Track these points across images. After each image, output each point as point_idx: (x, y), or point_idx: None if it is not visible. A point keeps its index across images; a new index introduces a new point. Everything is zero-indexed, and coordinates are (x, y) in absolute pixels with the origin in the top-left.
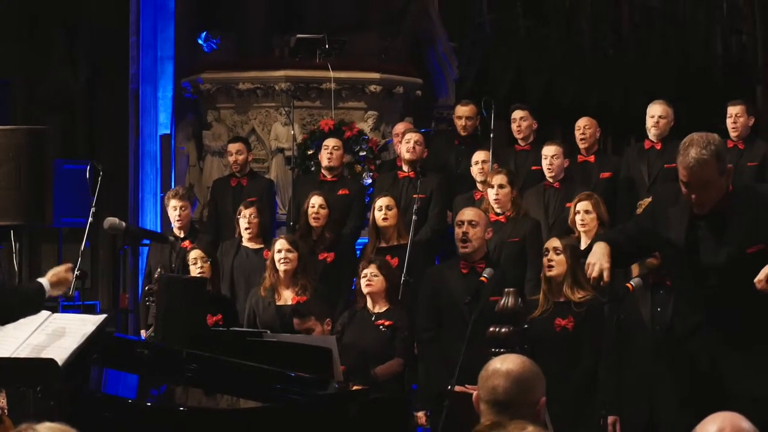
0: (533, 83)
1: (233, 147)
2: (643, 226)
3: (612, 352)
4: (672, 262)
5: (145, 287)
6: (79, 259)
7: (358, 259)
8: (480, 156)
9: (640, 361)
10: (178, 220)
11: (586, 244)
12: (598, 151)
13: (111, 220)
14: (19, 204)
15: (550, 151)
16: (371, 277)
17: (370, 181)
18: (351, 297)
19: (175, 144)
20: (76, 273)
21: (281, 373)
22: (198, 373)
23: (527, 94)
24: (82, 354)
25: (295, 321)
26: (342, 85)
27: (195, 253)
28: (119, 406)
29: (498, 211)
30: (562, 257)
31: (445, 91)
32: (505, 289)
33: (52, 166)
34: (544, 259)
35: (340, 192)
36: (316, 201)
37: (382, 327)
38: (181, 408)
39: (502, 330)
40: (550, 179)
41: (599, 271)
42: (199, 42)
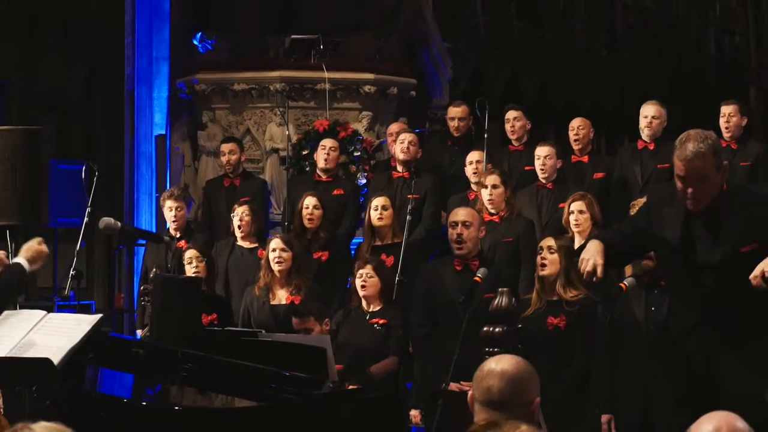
0: (527, 84)
1: (226, 147)
2: (638, 226)
3: (605, 351)
4: (667, 262)
5: (141, 287)
6: (75, 259)
7: (352, 258)
8: (474, 156)
9: (634, 361)
10: (173, 221)
11: (580, 244)
12: (592, 151)
13: (106, 220)
14: (14, 204)
15: (543, 151)
16: (366, 278)
17: (364, 181)
18: (346, 296)
19: (171, 144)
20: (71, 273)
21: (276, 373)
22: (193, 373)
23: (521, 94)
24: (77, 354)
25: (295, 321)
26: (336, 85)
27: (190, 253)
28: (115, 405)
29: (492, 211)
30: (555, 257)
31: (440, 92)
32: (498, 288)
33: (48, 167)
34: (538, 257)
35: (335, 192)
36: (310, 202)
37: (376, 326)
38: (176, 407)
39: (496, 330)
40: (543, 180)
41: (593, 265)
42: (194, 43)
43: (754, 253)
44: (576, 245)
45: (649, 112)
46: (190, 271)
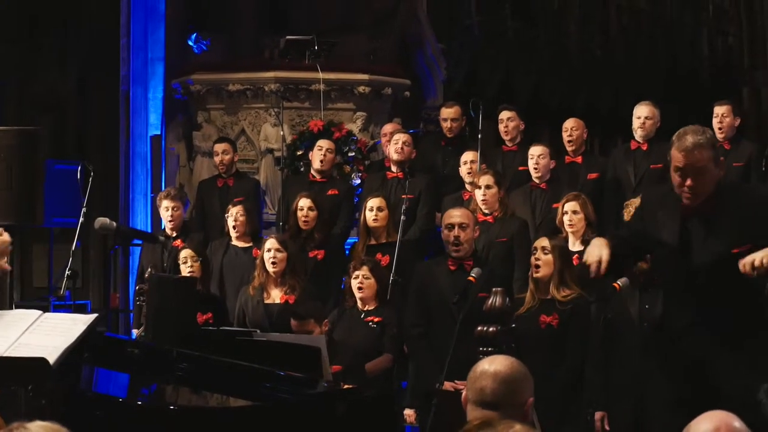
0: (521, 84)
1: (219, 147)
2: (634, 229)
3: (599, 350)
4: (663, 263)
5: (137, 287)
6: (70, 259)
7: (347, 258)
8: (468, 156)
9: (628, 360)
10: (170, 221)
11: (574, 244)
12: (586, 152)
13: (102, 220)
14: (10, 204)
15: (536, 151)
16: (363, 280)
17: (358, 181)
18: (340, 296)
19: (166, 145)
20: (67, 272)
21: (271, 372)
22: (188, 372)
23: (515, 95)
24: (73, 353)
25: (294, 324)
26: (331, 86)
27: (185, 253)
28: (110, 405)
29: (486, 211)
30: (549, 257)
31: (434, 93)
32: (492, 288)
33: (44, 167)
34: (532, 258)
35: (329, 192)
36: (304, 203)
37: (371, 323)
38: (171, 407)
39: (490, 329)
40: (536, 179)
41: (598, 256)
42: (189, 43)
43: (746, 254)
44: (570, 245)
45: (642, 113)
46: (185, 270)
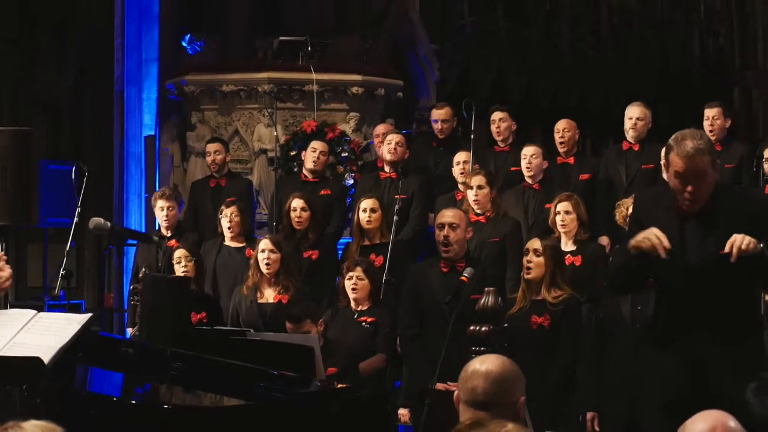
0: (513, 85)
1: (211, 147)
2: (634, 235)
3: (590, 351)
4: (658, 264)
5: (131, 286)
6: (65, 259)
7: (340, 258)
8: (461, 157)
9: (620, 360)
10: (165, 221)
11: (566, 245)
12: (578, 152)
13: (96, 220)
14: (5, 204)
15: (529, 151)
16: (357, 281)
17: (351, 181)
18: (334, 296)
19: (160, 145)
20: (61, 272)
21: (264, 372)
22: (182, 372)
23: (507, 95)
24: (67, 353)
25: (289, 327)
26: (324, 86)
27: (179, 253)
28: (104, 404)
29: (478, 211)
30: (541, 259)
31: (426, 93)
32: (485, 288)
33: (38, 167)
34: (524, 259)
35: (321, 192)
36: (297, 204)
37: (364, 324)
38: (165, 406)
39: (483, 329)
40: (529, 179)
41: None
42: (183, 44)
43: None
44: (562, 245)
45: (633, 114)
46: (179, 270)
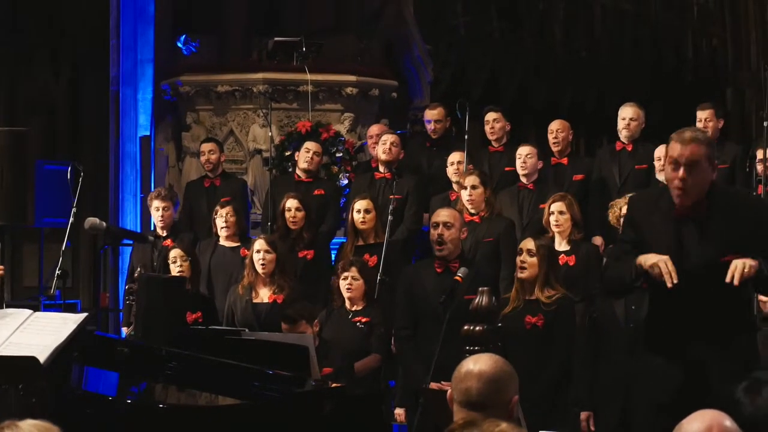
0: (507, 85)
1: (206, 147)
2: (630, 238)
3: (584, 350)
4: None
5: (127, 286)
6: (61, 259)
7: (334, 258)
8: (455, 157)
9: (614, 360)
10: (160, 221)
11: (560, 245)
12: (571, 153)
13: (92, 220)
14: (1, 204)
15: (524, 150)
16: (352, 281)
17: (346, 182)
18: (329, 295)
19: (155, 145)
20: (57, 272)
21: (259, 371)
22: (177, 371)
23: (501, 95)
24: (63, 352)
25: (284, 328)
26: (319, 87)
27: (175, 252)
28: (100, 403)
29: (472, 211)
30: (534, 260)
31: (420, 93)
32: (479, 288)
33: (34, 167)
34: (518, 259)
35: (315, 192)
36: (292, 204)
37: (359, 324)
38: (160, 405)
39: (476, 328)
40: (524, 179)
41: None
42: (179, 45)
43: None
44: (556, 245)
45: (627, 114)
46: (174, 270)
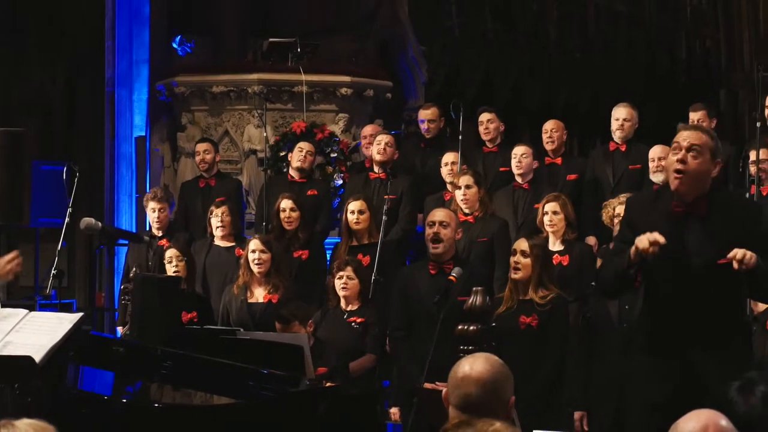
0: (501, 86)
1: (200, 147)
2: (627, 239)
3: (578, 349)
4: (650, 266)
5: (122, 285)
6: (56, 259)
7: (329, 258)
8: (449, 158)
9: (607, 359)
10: (156, 221)
11: (554, 245)
12: (565, 153)
13: (87, 221)
14: None
15: (519, 150)
16: (347, 280)
17: (340, 182)
18: (324, 295)
19: (150, 146)
20: (53, 272)
21: (254, 371)
22: (173, 371)
23: (495, 96)
24: (59, 352)
25: (278, 327)
26: (314, 87)
27: (170, 252)
28: (95, 402)
29: (466, 211)
30: (528, 261)
31: (415, 94)
32: (473, 287)
33: (30, 168)
34: (511, 260)
35: (308, 192)
36: (286, 205)
37: (354, 324)
38: (156, 405)
39: (471, 328)
40: (519, 179)
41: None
42: (174, 46)
43: (730, 264)
44: (550, 245)
45: (620, 115)
46: (170, 270)
